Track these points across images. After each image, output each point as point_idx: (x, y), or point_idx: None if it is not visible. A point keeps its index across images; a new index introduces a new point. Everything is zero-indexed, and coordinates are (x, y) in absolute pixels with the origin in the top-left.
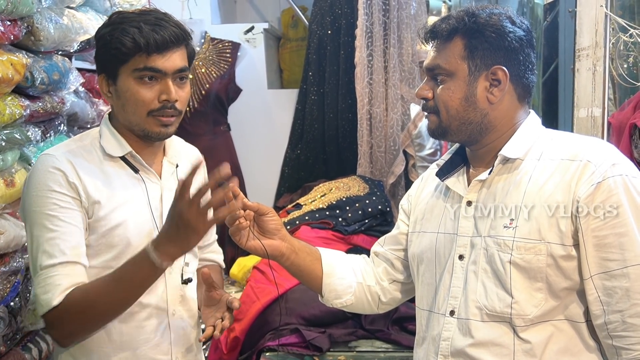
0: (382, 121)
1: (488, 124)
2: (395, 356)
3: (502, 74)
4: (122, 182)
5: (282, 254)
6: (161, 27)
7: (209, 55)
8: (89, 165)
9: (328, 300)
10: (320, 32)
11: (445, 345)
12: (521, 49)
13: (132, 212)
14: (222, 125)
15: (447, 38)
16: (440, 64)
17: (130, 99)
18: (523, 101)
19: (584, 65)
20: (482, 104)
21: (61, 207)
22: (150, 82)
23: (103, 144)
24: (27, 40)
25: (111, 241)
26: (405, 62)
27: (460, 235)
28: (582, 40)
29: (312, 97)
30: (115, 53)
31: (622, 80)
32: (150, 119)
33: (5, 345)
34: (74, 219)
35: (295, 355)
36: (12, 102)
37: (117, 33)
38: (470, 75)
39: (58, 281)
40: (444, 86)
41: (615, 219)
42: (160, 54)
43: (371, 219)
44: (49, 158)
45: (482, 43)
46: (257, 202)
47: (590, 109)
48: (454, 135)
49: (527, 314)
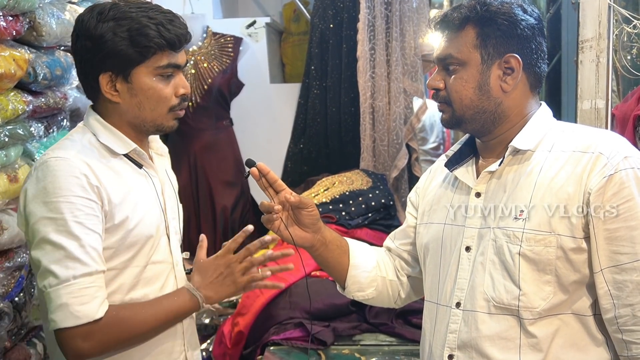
0: (384, 115)
1: (502, 113)
2: (400, 349)
3: (515, 62)
4: (132, 179)
5: (311, 246)
6: (174, 22)
7: (211, 50)
8: (100, 165)
9: (350, 292)
10: (322, 26)
11: (452, 338)
12: (533, 37)
13: (146, 209)
14: (225, 120)
15: (459, 27)
16: (452, 53)
17: (152, 97)
18: (534, 91)
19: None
20: (495, 92)
21: (86, 213)
22: (168, 78)
23: (104, 142)
24: (29, 35)
25: (131, 241)
26: (408, 55)
27: (468, 226)
28: (585, 31)
29: (315, 91)
30: (135, 52)
31: (626, 71)
32: (170, 114)
33: (10, 341)
34: (97, 225)
35: (300, 349)
36: (15, 97)
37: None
38: (483, 64)
39: (96, 293)
40: (457, 75)
41: (626, 212)
42: (181, 50)
43: (374, 213)
44: (64, 162)
45: (494, 31)
46: (299, 197)
47: (593, 100)
48: (468, 124)
49: (534, 306)
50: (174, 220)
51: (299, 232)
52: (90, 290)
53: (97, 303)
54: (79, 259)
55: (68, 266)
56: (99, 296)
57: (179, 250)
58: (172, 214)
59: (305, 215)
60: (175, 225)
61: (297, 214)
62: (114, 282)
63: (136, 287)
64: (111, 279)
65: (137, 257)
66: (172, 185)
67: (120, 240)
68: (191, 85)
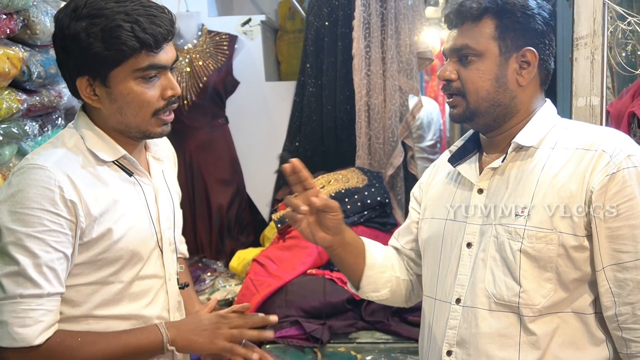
0: (380, 112)
1: (514, 107)
2: (396, 347)
3: (531, 56)
4: (119, 188)
5: (330, 246)
6: (157, 18)
7: (206, 48)
8: (84, 174)
9: (364, 292)
10: (317, 23)
11: (451, 334)
12: (547, 32)
13: (133, 220)
14: (220, 118)
15: (477, 18)
16: (470, 43)
17: (133, 102)
18: (542, 87)
19: (582, 54)
20: (512, 85)
21: (51, 229)
22: (152, 80)
23: (92, 148)
24: (23, 34)
25: (114, 255)
26: (403, 53)
27: (469, 223)
28: (580, 28)
29: (310, 89)
30: (110, 55)
31: (621, 68)
32: (154, 119)
33: None
34: (63, 244)
35: (296, 347)
36: (9, 96)
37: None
38: (501, 56)
39: (41, 317)
40: (473, 67)
41: (628, 211)
42: (163, 49)
43: (370, 211)
44: (41, 171)
45: (513, 24)
46: (325, 200)
47: (588, 97)
48: (481, 118)
49: (535, 303)
50: (168, 230)
51: (320, 233)
52: (35, 313)
53: (40, 328)
54: (31, 278)
55: (18, 282)
56: (45, 321)
57: (174, 264)
58: (167, 223)
59: (329, 219)
60: (169, 236)
61: (321, 215)
62: (94, 297)
63: (120, 302)
64: (91, 293)
65: (122, 272)
66: (170, 191)
67: (100, 254)
68: (186, 84)
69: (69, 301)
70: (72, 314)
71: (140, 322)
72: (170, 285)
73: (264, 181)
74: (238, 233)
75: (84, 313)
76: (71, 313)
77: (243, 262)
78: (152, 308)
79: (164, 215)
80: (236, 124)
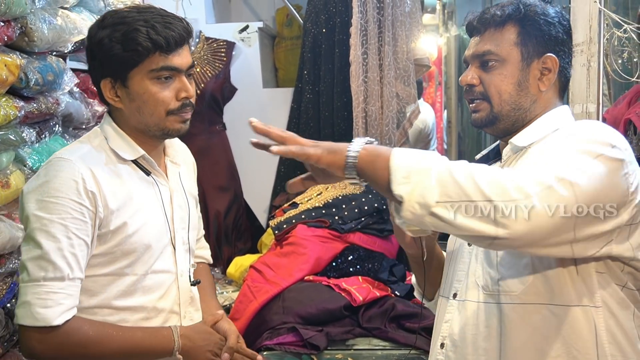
0: (377, 119)
1: (533, 112)
2: (393, 354)
3: (552, 63)
4: (136, 186)
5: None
6: (172, 24)
7: (204, 55)
8: (105, 169)
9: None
10: (314, 30)
11: (445, 327)
12: (567, 40)
13: (148, 216)
14: (218, 125)
15: (500, 24)
16: (492, 49)
17: (149, 101)
18: (560, 95)
19: (579, 61)
20: (533, 90)
21: (74, 217)
22: (167, 81)
23: (114, 147)
24: (20, 41)
25: (128, 248)
26: (400, 59)
27: None
28: (576, 36)
29: (308, 96)
30: (127, 56)
31: (617, 75)
32: (171, 117)
33: (2, 347)
34: (84, 232)
35: (293, 354)
36: (7, 103)
37: (125, 34)
38: (523, 62)
39: (62, 299)
40: (496, 72)
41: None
42: (176, 52)
43: (367, 217)
44: (66, 164)
45: (535, 31)
46: None
47: (585, 104)
48: (502, 122)
49: (513, 290)
50: (183, 230)
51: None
52: (57, 296)
53: (60, 310)
54: (53, 262)
55: (41, 266)
56: (65, 304)
57: (187, 261)
58: (182, 224)
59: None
60: (183, 236)
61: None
62: (110, 288)
63: (134, 294)
64: (107, 284)
65: (136, 265)
66: (186, 194)
67: (116, 246)
68: None
69: (87, 291)
70: (89, 304)
71: (152, 314)
72: (182, 281)
73: (262, 187)
74: (235, 239)
75: (100, 303)
76: (89, 303)
77: (240, 269)
78: (164, 301)
79: (178, 215)
80: (234, 131)
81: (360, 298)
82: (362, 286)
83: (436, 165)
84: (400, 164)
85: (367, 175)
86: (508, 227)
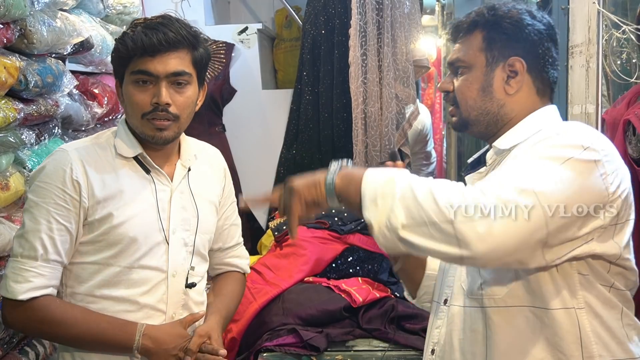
0: (376, 120)
1: (504, 115)
2: (393, 355)
3: (519, 65)
4: (131, 181)
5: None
6: (155, 30)
7: None
8: (100, 163)
9: (421, 302)
10: (314, 32)
11: (435, 333)
12: (540, 42)
13: (137, 211)
14: (217, 126)
15: (468, 32)
16: (460, 57)
17: (128, 102)
18: (543, 96)
19: (578, 62)
20: (499, 94)
21: (57, 203)
22: (145, 85)
23: (115, 144)
24: (20, 43)
25: (114, 239)
26: (400, 61)
27: None
28: (575, 37)
29: (307, 97)
30: (117, 57)
31: (616, 76)
32: (145, 122)
33: (2, 349)
34: (65, 218)
35: (293, 355)
36: (6, 105)
37: (121, 36)
38: (488, 67)
39: (31, 277)
40: (463, 78)
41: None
42: (152, 57)
43: None
44: (62, 154)
45: (499, 35)
46: None
47: (584, 105)
48: (474, 126)
49: (496, 294)
50: (186, 232)
51: None
52: (28, 273)
53: (27, 287)
54: (30, 241)
55: (20, 244)
56: (34, 282)
57: (185, 263)
58: (184, 225)
59: None
60: (185, 237)
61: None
62: (96, 276)
63: (118, 285)
64: (94, 272)
65: (120, 257)
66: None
67: (101, 235)
68: None
69: (76, 277)
70: (77, 290)
71: (134, 308)
72: (173, 281)
73: (261, 189)
74: None
75: (86, 290)
76: (77, 289)
77: None
78: (148, 297)
79: (179, 216)
80: (233, 132)
81: (360, 299)
82: (362, 287)
83: (400, 187)
84: (368, 187)
85: (345, 203)
86: (470, 247)
